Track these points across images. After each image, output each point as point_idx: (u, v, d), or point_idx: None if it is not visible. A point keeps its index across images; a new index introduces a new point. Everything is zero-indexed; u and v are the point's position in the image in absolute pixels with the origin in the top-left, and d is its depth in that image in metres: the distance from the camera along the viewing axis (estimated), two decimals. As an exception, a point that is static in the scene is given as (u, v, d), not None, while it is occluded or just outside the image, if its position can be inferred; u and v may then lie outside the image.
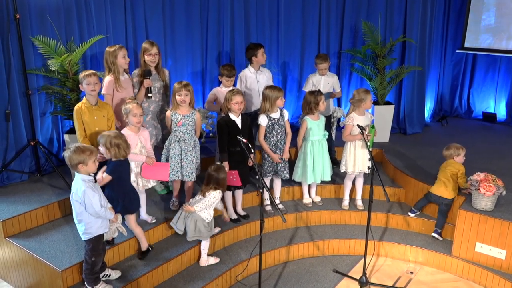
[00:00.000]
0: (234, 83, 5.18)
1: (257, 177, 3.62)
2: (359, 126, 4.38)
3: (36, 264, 3.86)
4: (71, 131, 4.93)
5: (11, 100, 4.73)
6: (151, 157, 4.16)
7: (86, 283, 3.62)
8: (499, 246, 4.24)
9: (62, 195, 4.55)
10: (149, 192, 4.57)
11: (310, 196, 5.22)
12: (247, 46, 5.41)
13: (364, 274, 4.27)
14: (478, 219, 4.29)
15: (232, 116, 4.45)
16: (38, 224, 4.32)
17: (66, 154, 3.29)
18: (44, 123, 5.10)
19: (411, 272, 4.59)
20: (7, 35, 4.58)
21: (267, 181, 4.87)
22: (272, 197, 3.97)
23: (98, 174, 3.65)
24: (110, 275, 3.80)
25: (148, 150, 4.21)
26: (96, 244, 3.51)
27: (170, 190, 4.93)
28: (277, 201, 5.02)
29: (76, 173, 3.36)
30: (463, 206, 4.44)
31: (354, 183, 5.10)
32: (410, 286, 4.38)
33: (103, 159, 3.77)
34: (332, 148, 5.69)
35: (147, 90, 4.57)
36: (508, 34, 6.89)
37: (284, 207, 5.06)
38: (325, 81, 5.53)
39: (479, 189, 4.26)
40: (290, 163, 4.95)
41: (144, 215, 4.39)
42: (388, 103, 6.48)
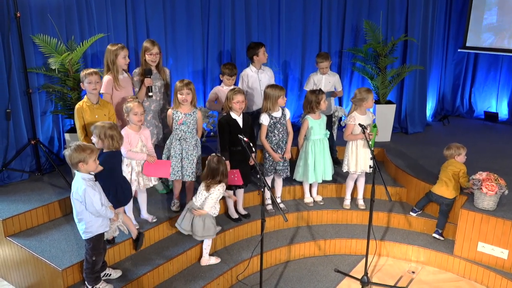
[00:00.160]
0: (235, 82, 5.17)
1: (258, 176, 3.60)
2: (360, 125, 4.36)
3: (36, 263, 3.86)
4: (71, 130, 4.92)
5: (12, 99, 4.72)
6: (152, 155, 4.16)
7: (86, 282, 3.61)
8: (501, 245, 4.22)
9: (63, 194, 4.55)
10: (149, 191, 4.55)
11: (311, 195, 5.21)
12: (248, 45, 5.39)
13: (366, 273, 4.25)
14: (480, 218, 4.27)
15: (233, 115, 4.44)
16: (38, 223, 4.31)
17: (66, 152, 3.29)
18: (44, 122, 5.09)
19: (413, 272, 4.57)
20: (7, 33, 4.57)
21: (269, 180, 4.86)
22: (273, 196, 3.96)
23: None
24: (110, 275, 3.79)
25: (149, 148, 4.20)
26: (97, 243, 3.50)
27: (170, 189, 4.92)
28: (278, 200, 5.01)
29: (76, 171, 3.35)
30: (465, 205, 4.43)
31: (355, 182, 5.09)
32: (411, 285, 4.37)
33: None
34: (333, 148, 5.67)
35: (148, 89, 4.56)
36: (510, 33, 6.87)
37: (285, 206, 5.05)
38: (326, 80, 5.51)
39: (481, 188, 4.25)
40: (291, 162, 4.94)
41: (144, 214, 4.38)
42: (390, 102, 6.46)
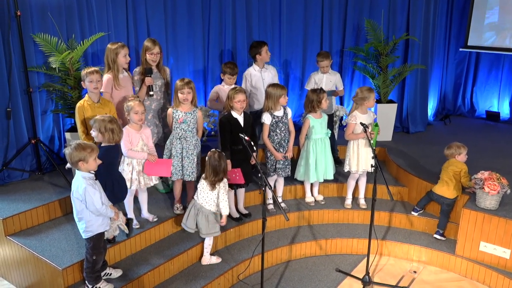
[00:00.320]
0: (236, 81, 5.15)
1: (259, 175, 3.59)
2: (362, 124, 4.34)
3: (36, 263, 3.84)
4: (72, 129, 4.91)
5: (12, 98, 4.70)
6: (152, 154, 4.14)
7: (87, 281, 3.59)
8: (503, 245, 4.20)
9: (63, 193, 4.54)
10: (150, 190, 4.54)
11: (312, 195, 5.19)
12: (250, 44, 5.37)
13: (367, 273, 4.23)
14: (482, 218, 4.25)
15: (235, 114, 4.42)
16: (39, 222, 4.30)
17: (66, 151, 3.29)
18: (45, 121, 5.08)
19: (415, 272, 4.55)
20: (8, 32, 4.56)
21: (271, 180, 4.84)
22: (274, 195, 3.94)
23: None
24: (111, 274, 3.78)
25: (150, 147, 4.18)
26: (97, 242, 3.48)
27: (171, 189, 4.90)
28: (279, 199, 4.99)
29: (76, 170, 3.34)
30: (467, 205, 4.41)
31: (357, 182, 5.07)
32: (413, 285, 4.35)
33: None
34: (334, 147, 5.65)
35: (149, 88, 4.55)
36: (511, 32, 6.84)
37: (286, 206, 5.03)
38: (327, 79, 5.49)
39: (483, 187, 4.23)
40: (293, 161, 4.92)
41: (145, 213, 4.37)
42: (391, 102, 6.44)
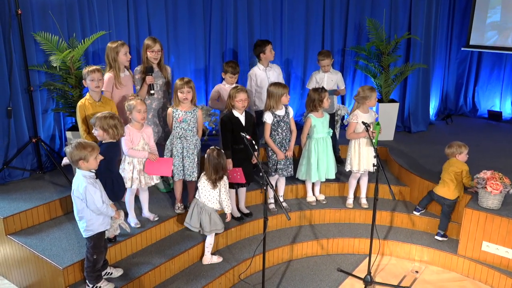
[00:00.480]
0: (238, 81, 5.14)
1: (260, 174, 3.57)
2: (364, 123, 4.32)
3: (37, 262, 3.83)
4: (73, 128, 4.90)
5: (13, 97, 4.70)
6: (154, 153, 4.12)
7: (87, 281, 3.58)
8: (506, 245, 4.18)
9: (64, 192, 4.53)
10: (151, 190, 4.53)
11: (314, 194, 5.17)
12: (254, 43, 5.34)
13: (369, 273, 4.22)
14: (485, 217, 4.23)
15: (236, 113, 4.41)
16: (39, 221, 4.29)
17: (67, 149, 3.28)
18: (46, 120, 5.07)
19: (416, 271, 4.53)
20: (8, 31, 4.55)
21: (273, 180, 4.82)
22: (276, 195, 3.92)
23: None
24: (111, 273, 3.77)
25: (152, 147, 4.16)
26: (98, 241, 3.47)
27: (172, 188, 4.89)
28: (281, 199, 4.97)
29: (77, 169, 3.33)
30: (469, 204, 4.39)
31: (358, 181, 5.05)
32: (415, 285, 4.33)
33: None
34: (336, 146, 5.63)
35: (150, 87, 4.53)
36: (514, 32, 6.84)
37: (288, 205, 5.02)
38: (328, 78, 5.47)
39: (485, 187, 4.20)
40: (294, 161, 4.91)
41: (146, 212, 4.36)
42: (393, 101, 6.42)
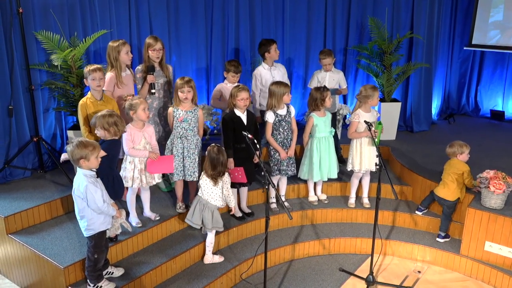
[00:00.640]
0: (239, 80, 5.12)
1: (262, 173, 3.56)
2: (366, 122, 4.30)
3: (38, 261, 3.83)
4: (74, 127, 4.90)
5: (14, 96, 4.69)
6: (154, 151, 4.10)
7: (88, 280, 3.57)
8: (509, 245, 4.16)
9: (65, 191, 4.52)
10: (152, 189, 4.52)
11: (315, 194, 5.15)
12: (259, 42, 5.32)
13: (371, 273, 4.20)
14: (488, 217, 4.21)
15: (238, 112, 4.39)
16: (40, 221, 4.28)
17: (68, 148, 3.27)
18: (47, 119, 5.06)
19: (419, 271, 4.51)
20: (10, 29, 4.54)
21: (275, 180, 4.80)
22: (278, 194, 3.90)
23: None
24: (113, 273, 3.76)
25: (153, 146, 4.14)
26: (99, 240, 3.46)
27: (173, 187, 4.87)
28: (282, 198, 4.96)
29: (78, 168, 3.31)
30: (472, 204, 4.37)
31: (360, 181, 5.03)
32: (417, 285, 4.32)
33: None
34: (337, 146, 5.62)
35: (151, 86, 4.52)
36: (516, 31, 6.81)
37: (290, 205, 5.00)
38: (330, 77, 5.46)
39: (488, 187, 4.19)
40: (296, 160, 4.89)
41: (147, 212, 4.34)
42: (395, 101, 6.40)
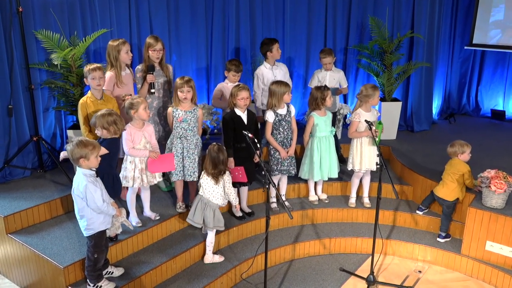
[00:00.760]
0: (240, 79, 5.11)
1: (263, 173, 3.55)
2: (367, 122, 4.29)
3: (38, 261, 3.82)
4: (74, 127, 4.89)
5: (14, 95, 4.67)
6: (154, 151, 4.09)
7: (88, 280, 3.56)
8: (510, 244, 4.15)
9: (65, 191, 4.51)
10: (153, 188, 4.51)
11: (316, 193, 5.14)
12: (261, 41, 5.31)
13: (372, 272, 4.19)
14: (489, 217, 4.20)
15: (238, 111, 4.38)
16: (40, 220, 4.27)
17: (68, 147, 3.26)
18: (47, 119, 5.05)
19: (420, 271, 4.50)
20: (9, 28, 4.53)
21: (275, 179, 4.79)
22: (278, 194, 3.89)
23: None
24: (112, 272, 3.75)
25: (154, 145, 4.13)
26: (98, 240, 3.45)
27: (174, 187, 4.86)
28: (283, 198, 4.95)
29: (77, 167, 3.30)
30: (473, 203, 4.36)
31: (361, 180, 5.02)
32: (418, 285, 4.31)
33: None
34: (338, 145, 5.61)
35: (151, 85, 4.51)
36: (517, 30, 6.80)
37: (290, 204, 4.99)
38: (330, 76, 5.45)
39: (489, 186, 4.18)
40: (296, 160, 4.88)
41: (147, 212, 4.33)
42: (395, 100, 6.39)
